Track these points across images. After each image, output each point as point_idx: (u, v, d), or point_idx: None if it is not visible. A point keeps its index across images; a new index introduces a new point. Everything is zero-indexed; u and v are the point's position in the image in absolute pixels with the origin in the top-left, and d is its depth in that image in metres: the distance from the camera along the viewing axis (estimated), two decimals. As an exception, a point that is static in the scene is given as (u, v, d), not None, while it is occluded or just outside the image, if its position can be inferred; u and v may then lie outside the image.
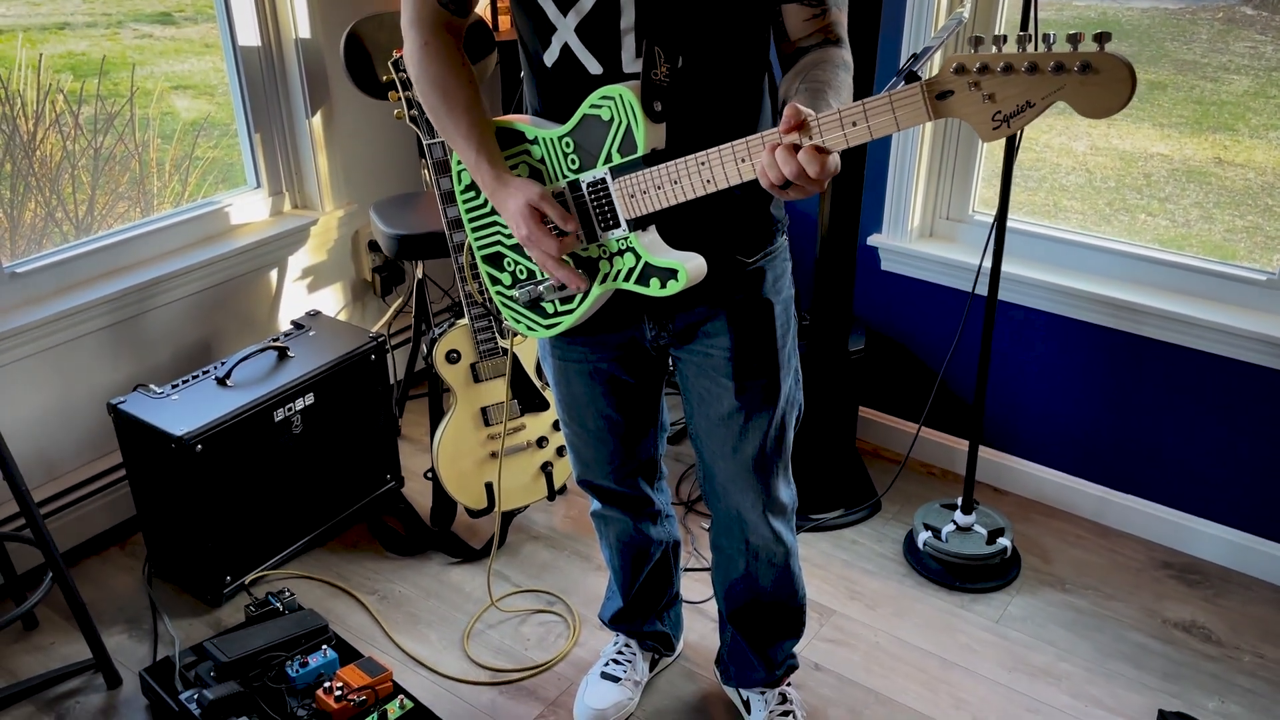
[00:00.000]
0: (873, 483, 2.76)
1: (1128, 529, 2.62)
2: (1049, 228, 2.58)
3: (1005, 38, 1.12)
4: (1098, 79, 1.07)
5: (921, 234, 2.73)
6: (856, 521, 2.66)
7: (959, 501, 2.52)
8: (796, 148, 1.22)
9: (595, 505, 1.95)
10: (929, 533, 2.50)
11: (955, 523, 2.50)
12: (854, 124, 1.20)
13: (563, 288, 1.54)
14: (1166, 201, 2.54)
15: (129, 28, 2.67)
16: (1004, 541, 2.46)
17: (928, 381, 2.77)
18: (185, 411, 2.26)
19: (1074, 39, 1.08)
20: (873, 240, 2.72)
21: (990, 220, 2.25)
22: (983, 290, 2.32)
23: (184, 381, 2.38)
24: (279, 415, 2.37)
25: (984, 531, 2.48)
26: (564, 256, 1.48)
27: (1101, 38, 1.07)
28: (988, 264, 2.28)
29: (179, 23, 2.75)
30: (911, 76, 1.23)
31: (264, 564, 2.46)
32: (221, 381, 2.37)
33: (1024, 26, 2.05)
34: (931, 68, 2.42)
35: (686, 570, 2.46)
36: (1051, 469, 2.70)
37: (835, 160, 1.23)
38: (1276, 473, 2.38)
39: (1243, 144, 2.45)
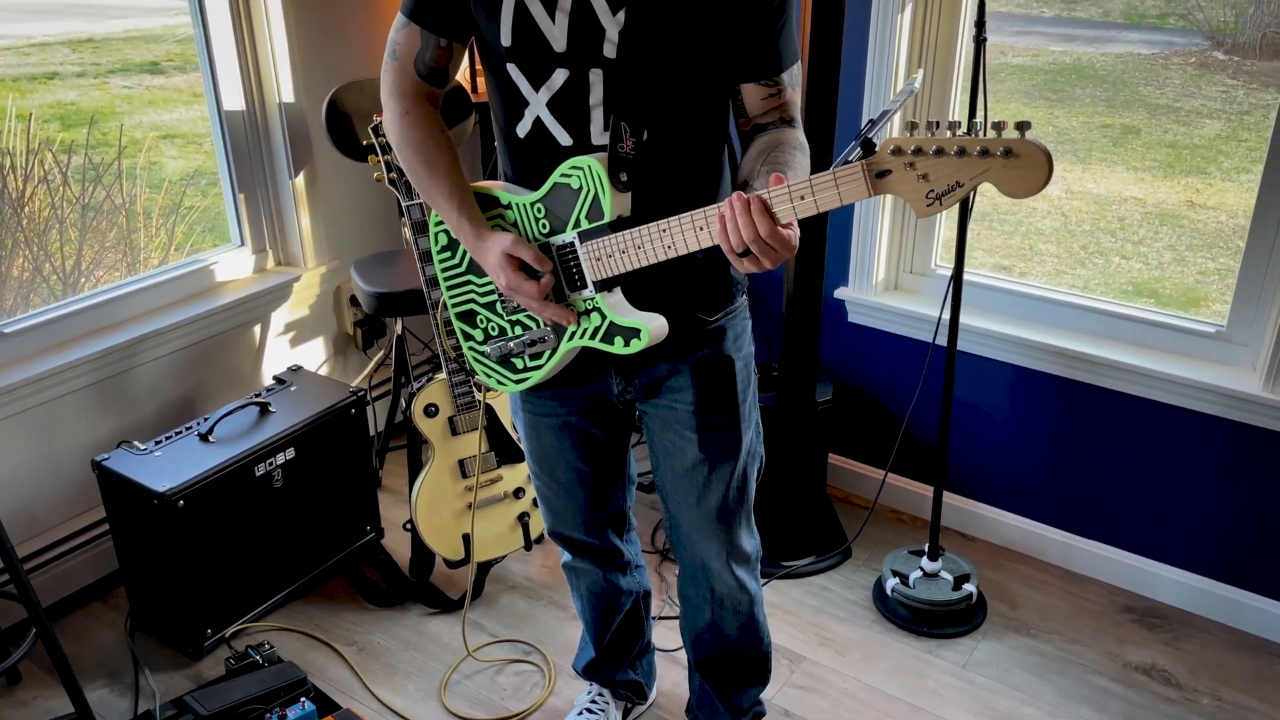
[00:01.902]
0: (843, 529, 2.82)
1: (1091, 573, 2.69)
2: (1009, 281, 2.67)
3: (939, 123, 1.21)
4: (1019, 163, 1.17)
5: (886, 287, 2.82)
6: (827, 568, 2.72)
7: (926, 548, 2.58)
8: (751, 210, 1.31)
9: (566, 557, 2.01)
10: (897, 579, 2.56)
11: (922, 569, 2.56)
12: (801, 198, 1.30)
13: (533, 343, 1.62)
14: (1140, 244, 2.60)
15: (118, 77, 2.74)
16: (969, 587, 2.52)
17: (894, 430, 2.85)
18: (168, 468, 2.31)
19: (998, 126, 1.18)
20: (839, 293, 2.81)
21: (950, 273, 2.33)
22: (943, 341, 2.41)
23: (167, 438, 2.43)
24: (260, 470, 2.42)
25: (950, 578, 2.54)
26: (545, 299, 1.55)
27: (1022, 126, 1.17)
28: (947, 316, 2.37)
29: (168, 72, 2.81)
30: (868, 144, 1.32)
31: (244, 617, 2.49)
32: (204, 437, 2.42)
33: (973, 100, 2.15)
34: (891, 129, 2.52)
35: (660, 618, 2.51)
36: (1017, 515, 2.77)
37: (794, 233, 1.33)
38: (1232, 518, 2.46)
39: (1215, 187, 2.51)
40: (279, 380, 2.68)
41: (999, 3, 2.53)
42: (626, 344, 1.52)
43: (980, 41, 2.12)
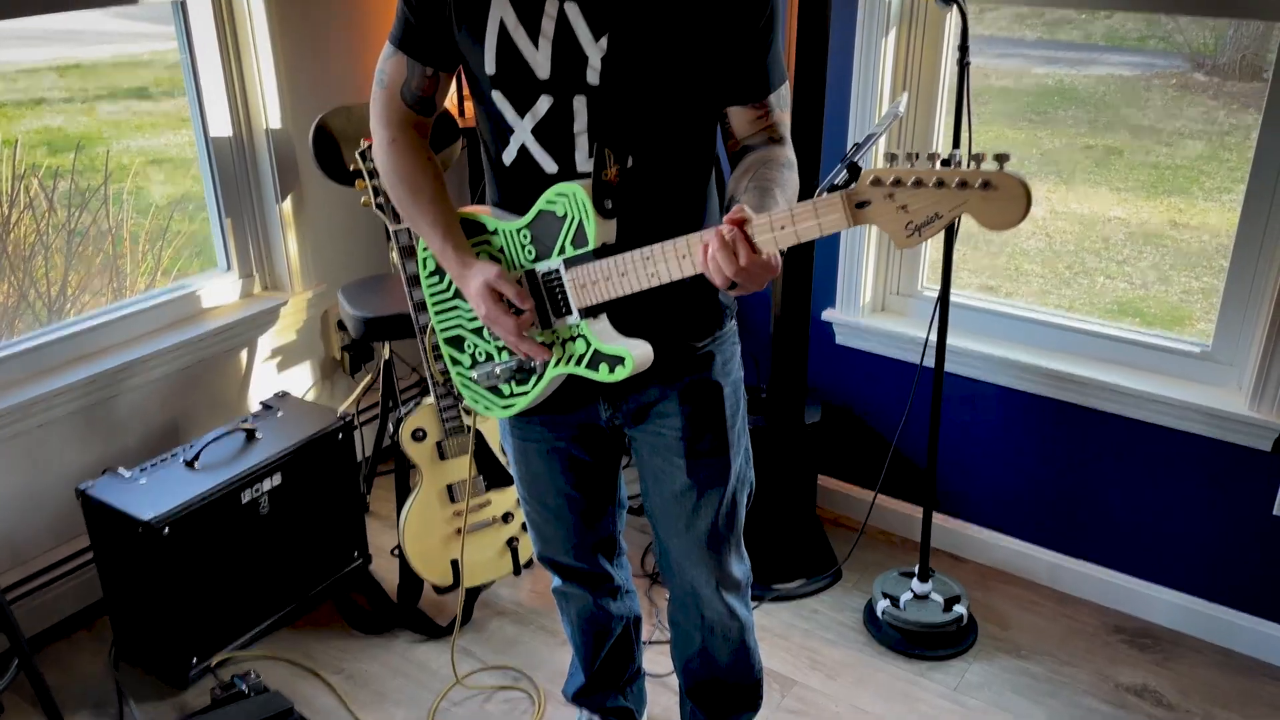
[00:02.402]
0: (833, 551, 2.82)
1: (1082, 594, 2.68)
2: (995, 302, 2.68)
3: (918, 154, 1.22)
4: (996, 195, 1.17)
5: (873, 309, 2.82)
6: (818, 591, 2.71)
7: (917, 569, 2.57)
8: (734, 249, 1.30)
9: (556, 582, 2.00)
10: (887, 601, 2.55)
11: (913, 591, 2.55)
12: (782, 227, 1.30)
13: (518, 369, 1.62)
14: (1124, 264, 2.61)
15: (105, 103, 2.74)
16: (960, 609, 2.51)
17: (884, 451, 2.85)
18: (153, 495, 2.29)
19: (977, 158, 1.18)
20: (827, 315, 2.81)
21: (937, 295, 2.34)
22: (930, 363, 2.41)
23: (152, 465, 2.41)
24: (246, 497, 2.40)
25: (940, 599, 2.53)
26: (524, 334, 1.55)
27: (1001, 158, 1.18)
28: (934, 338, 2.37)
29: (155, 97, 2.81)
30: (854, 167, 1.33)
31: (230, 645, 2.47)
32: (190, 464, 2.41)
33: (958, 124, 2.17)
34: (876, 152, 2.54)
35: (651, 643, 2.50)
36: (1007, 535, 2.77)
37: (776, 259, 1.32)
38: (1221, 537, 2.46)
39: (1197, 207, 2.52)
40: (265, 406, 2.67)
41: (982, 25, 2.55)
42: (611, 371, 1.52)
43: (964, 65, 2.14)
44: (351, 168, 2.41)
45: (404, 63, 1.58)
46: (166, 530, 2.24)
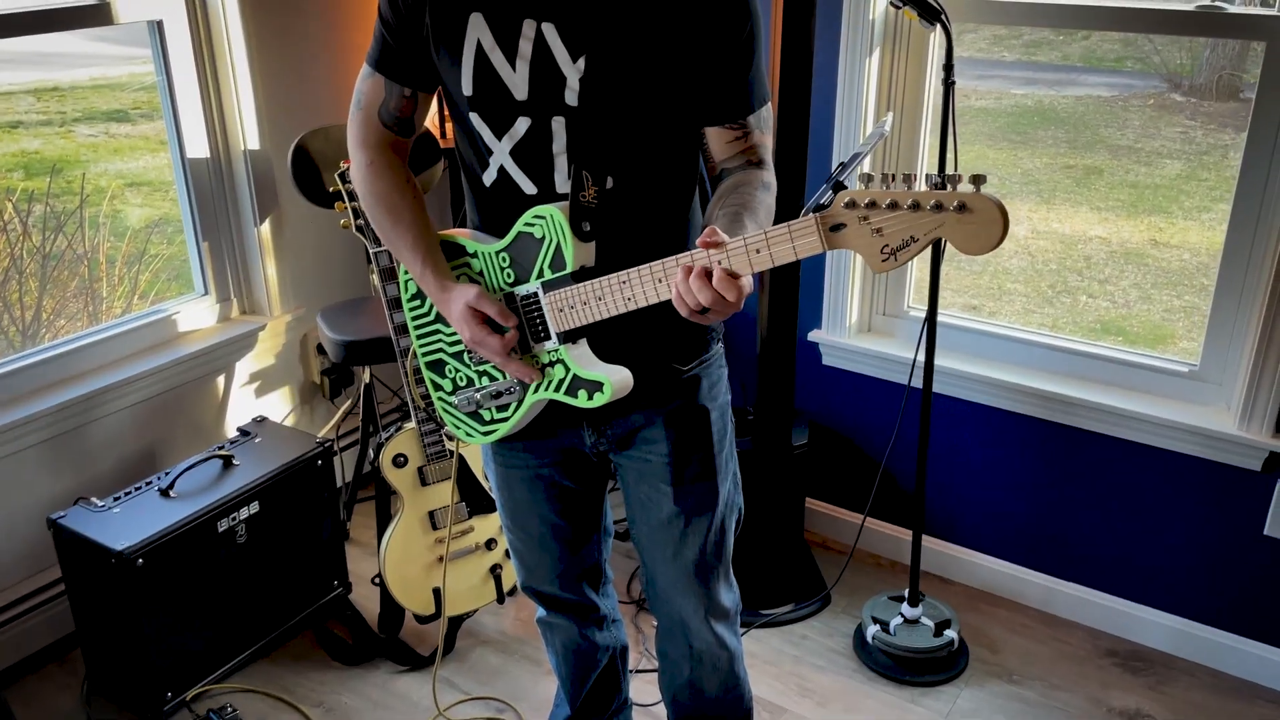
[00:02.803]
0: (822, 575, 2.78)
1: (1072, 617, 2.65)
2: (983, 322, 2.66)
3: (893, 176, 1.19)
4: (973, 218, 1.15)
5: (860, 329, 2.80)
6: (807, 616, 2.67)
7: (906, 594, 2.54)
8: (709, 276, 1.28)
9: (540, 613, 1.95)
10: (877, 626, 2.52)
11: (903, 615, 2.52)
12: (757, 250, 1.27)
13: (499, 395, 1.58)
14: (1106, 283, 2.61)
15: (83, 125, 2.71)
16: (951, 633, 2.48)
17: (872, 473, 2.82)
18: (126, 525, 2.24)
19: (952, 180, 1.16)
20: (813, 336, 2.79)
21: (924, 315, 2.32)
22: (919, 383, 2.38)
23: (126, 494, 2.36)
24: (223, 525, 2.35)
25: (931, 624, 2.50)
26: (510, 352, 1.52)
27: (978, 179, 1.15)
28: (921, 358, 2.35)
29: (134, 120, 2.78)
30: (839, 187, 1.30)
31: (207, 678, 2.41)
32: (164, 493, 2.36)
33: (942, 145, 2.15)
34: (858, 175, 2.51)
35: (638, 671, 2.45)
36: (996, 558, 2.74)
37: (747, 283, 1.29)
38: (1212, 559, 2.44)
39: (1177, 225, 2.53)
40: (243, 432, 2.62)
41: (962, 47, 2.54)
42: (590, 398, 1.49)
43: (949, 85, 2.12)
44: (331, 189, 2.38)
45: (381, 84, 1.55)
46: (140, 561, 2.19)
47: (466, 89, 1.47)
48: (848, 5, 2.46)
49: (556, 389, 1.52)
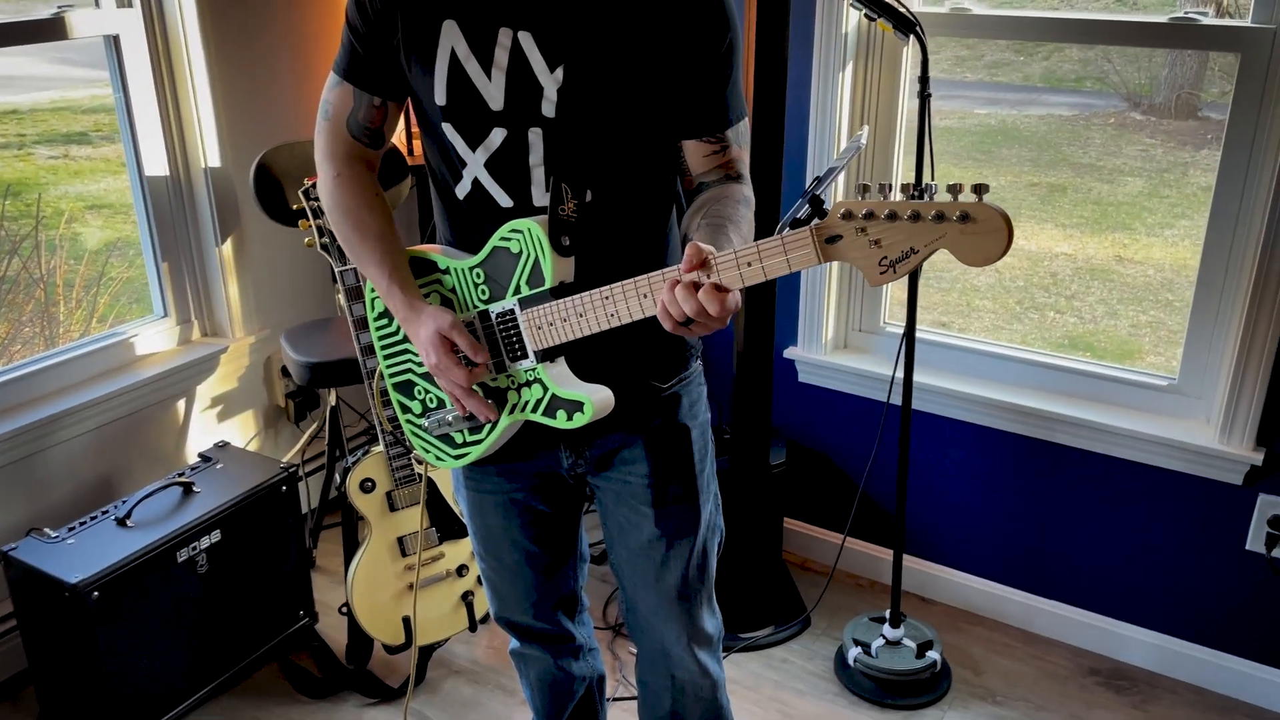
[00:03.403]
0: (801, 597, 2.73)
1: (1054, 635, 2.62)
2: (960, 338, 2.64)
3: (890, 186, 1.15)
4: (976, 228, 1.11)
5: (836, 346, 2.77)
6: (787, 639, 2.62)
7: (887, 614, 2.50)
8: (696, 286, 1.23)
9: (514, 644, 1.88)
10: (859, 648, 2.47)
11: (884, 637, 2.47)
12: (749, 264, 1.23)
13: (471, 418, 1.53)
14: (1073, 299, 2.62)
15: (43, 148, 2.64)
16: (933, 655, 2.44)
17: (850, 492, 2.78)
18: (81, 557, 2.15)
19: (954, 189, 1.12)
20: (789, 353, 2.75)
21: (901, 331, 2.29)
22: (898, 400, 2.35)
23: (81, 524, 2.27)
24: (183, 555, 2.27)
25: (913, 645, 2.46)
26: (474, 386, 1.46)
27: (980, 189, 1.11)
28: (900, 375, 2.31)
29: (95, 142, 2.73)
30: (816, 201, 1.26)
31: (167, 714, 2.31)
32: (121, 522, 2.27)
33: (919, 158, 2.13)
34: (836, 187, 2.49)
35: (615, 700, 2.39)
36: (976, 576, 2.71)
37: (736, 298, 1.25)
38: (1192, 575, 2.42)
39: (1140, 242, 2.55)
40: (204, 458, 2.53)
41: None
42: (569, 418, 1.43)
43: (924, 97, 2.10)
44: (295, 207, 2.32)
45: (350, 93, 1.50)
46: (95, 594, 2.10)
47: (440, 99, 1.42)
48: (820, 19, 2.44)
49: (534, 410, 1.46)
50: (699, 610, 1.69)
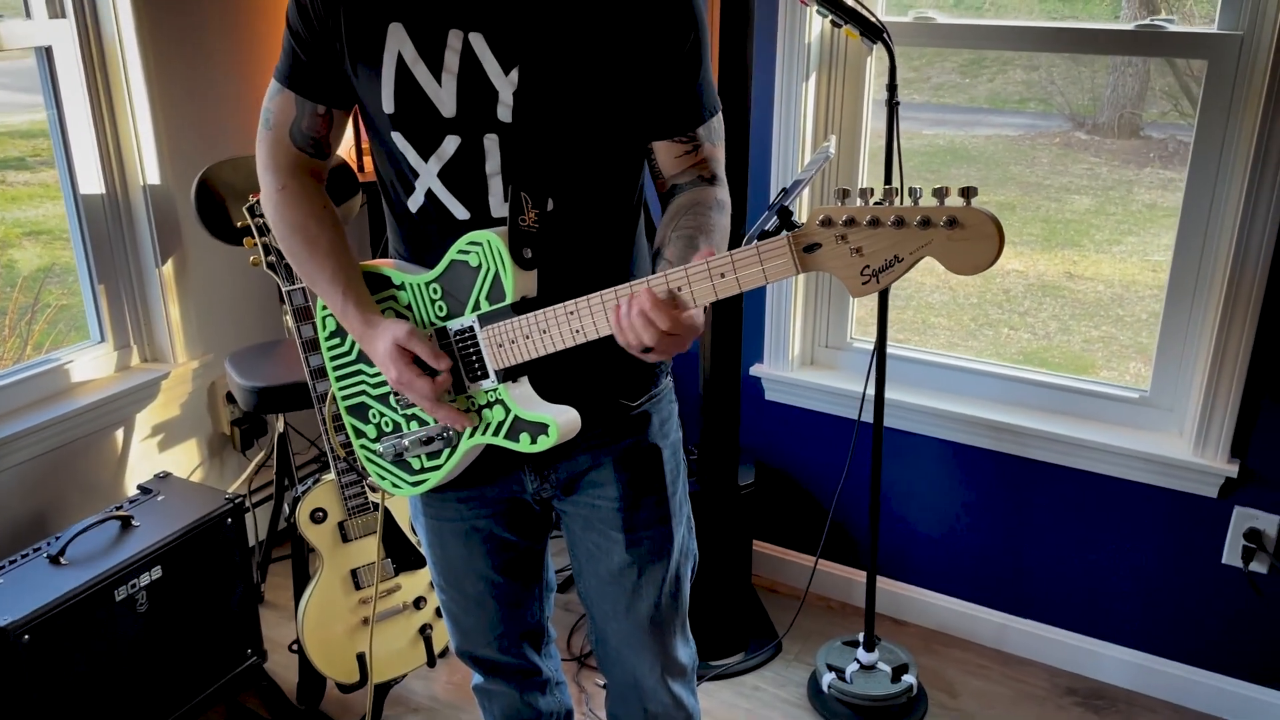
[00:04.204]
0: (772, 622, 2.65)
1: (1030, 655, 2.57)
2: (929, 352, 2.59)
3: (872, 190, 1.09)
4: (964, 234, 1.05)
5: (802, 362, 2.71)
6: (758, 665, 2.54)
7: (861, 638, 2.43)
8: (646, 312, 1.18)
9: (477, 679, 1.78)
10: (833, 674, 2.40)
11: (859, 661, 2.40)
12: (722, 275, 1.17)
13: (429, 441, 1.44)
14: (1026, 315, 2.64)
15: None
16: (909, 678, 2.37)
17: (819, 512, 2.71)
18: (10, 597, 2.02)
19: (940, 193, 1.05)
20: (755, 370, 2.69)
21: (869, 346, 2.23)
22: (868, 417, 2.29)
23: (11, 562, 2.13)
24: (121, 594, 2.14)
25: (888, 669, 2.39)
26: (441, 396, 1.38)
27: (968, 192, 1.05)
28: (870, 391, 2.25)
29: (33, 167, 2.62)
30: (784, 212, 1.20)
31: (104, 764, 2.18)
32: (54, 559, 2.13)
33: (888, 168, 2.08)
34: (801, 203, 2.44)
35: (581, 734, 2.29)
36: (949, 596, 2.65)
37: (699, 315, 1.20)
38: (1167, 590, 2.38)
39: (1090, 259, 2.57)
40: (144, 490, 2.41)
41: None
42: (533, 441, 1.35)
43: (893, 105, 2.06)
44: (239, 224, 2.23)
45: (292, 101, 1.41)
46: (27, 637, 1.97)
47: (387, 106, 1.34)
48: (783, 28, 2.39)
49: (496, 433, 1.38)
50: (672, 639, 1.61)
